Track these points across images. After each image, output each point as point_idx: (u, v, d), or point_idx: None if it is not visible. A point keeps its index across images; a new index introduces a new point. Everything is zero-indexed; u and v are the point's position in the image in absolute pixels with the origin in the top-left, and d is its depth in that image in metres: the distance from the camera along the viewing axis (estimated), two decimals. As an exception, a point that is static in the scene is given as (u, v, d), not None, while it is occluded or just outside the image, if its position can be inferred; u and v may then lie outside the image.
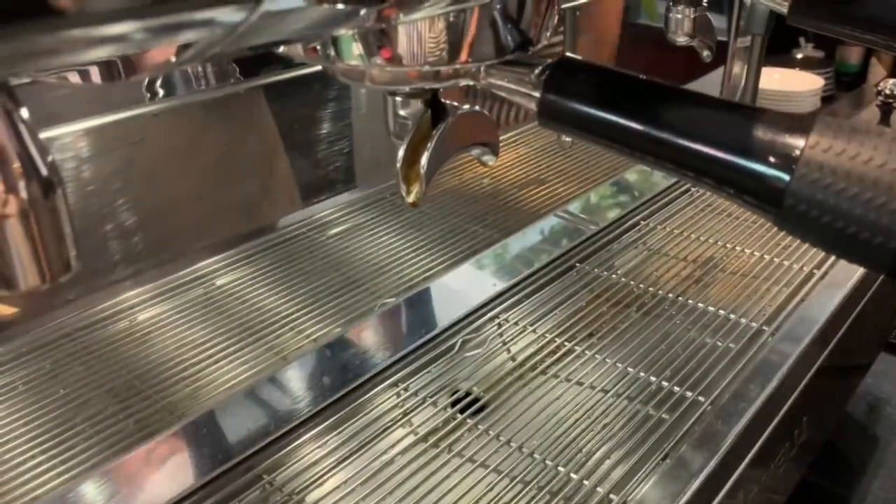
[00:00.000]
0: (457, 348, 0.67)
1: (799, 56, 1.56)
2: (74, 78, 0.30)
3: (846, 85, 1.55)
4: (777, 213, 0.35)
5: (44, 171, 0.28)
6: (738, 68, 1.16)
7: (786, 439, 0.64)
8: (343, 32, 0.33)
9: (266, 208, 0.69)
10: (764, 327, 0.69)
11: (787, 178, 0.34)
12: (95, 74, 0.30)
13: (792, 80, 1.40)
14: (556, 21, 0.40)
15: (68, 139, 0.53)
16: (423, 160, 0.40)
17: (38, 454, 0.55)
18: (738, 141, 0.35)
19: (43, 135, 0.51)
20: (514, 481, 0.53)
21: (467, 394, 0.63)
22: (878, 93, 1.16)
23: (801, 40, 1.58)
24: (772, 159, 0.34)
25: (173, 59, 0.25)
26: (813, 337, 0.69)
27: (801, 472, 0.71)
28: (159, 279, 0.67)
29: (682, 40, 0.67)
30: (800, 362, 0.67)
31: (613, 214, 0.91)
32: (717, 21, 0.75)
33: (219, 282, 0.70)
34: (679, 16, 0.65)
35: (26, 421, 0.57)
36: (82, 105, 0.55)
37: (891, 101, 1.15)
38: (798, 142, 0.34)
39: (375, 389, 0.63)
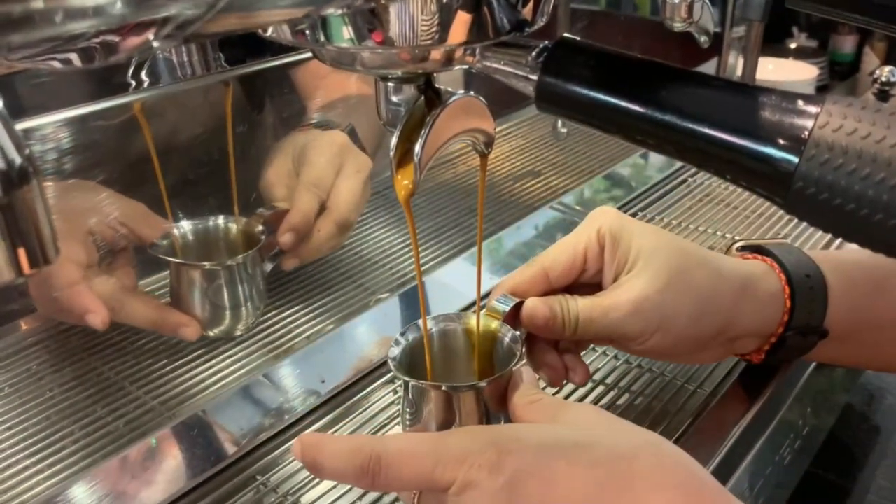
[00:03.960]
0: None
1: (792, 46, 1.55)
2: (53, 63, 0.29)
3: (840, 74, 1.55)
4: (785, 197, 0.34)
5: (18, 161, 0.27)
6: (733, 58, 1.15)
7: (790, 431, 0.63)
8: (331, 12, 0.32)
9: (254, 203, 0.67)
10: (765, 318, 0.68)
11: (795, 159, 0.32)
12: (75, 58, 0.29)
13: (786, 70, 1.40)
14: (552, 2, 0.39)
15: (49, 129, 0.52)
16: (417, 148, 0.39)
17: (25, 458, 0.53)
18: (743, 122, 0.34)
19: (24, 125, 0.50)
20: (515, 478, 0.52)
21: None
22: (875, 80, 1.15)
23: (795, 30, 1.58)
24: (779, 140, 0.33)
25: (152, 37, 0.24)
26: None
27: (805, 465, 0.70)
28: (148, 276, 0.66)
29: (679, 26, 0.66)
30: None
31: (609, 206, 0.89)
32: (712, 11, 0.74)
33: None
34: (676, 0, 0.64)
35: (12, 425, 0.56)
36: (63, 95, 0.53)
37: (887, 88, 1.14)
38: (806, 122, 0.32)
39: (371, 387, 0.61)
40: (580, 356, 0.53)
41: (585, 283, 0.53)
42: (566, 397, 0.59)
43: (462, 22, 0.34)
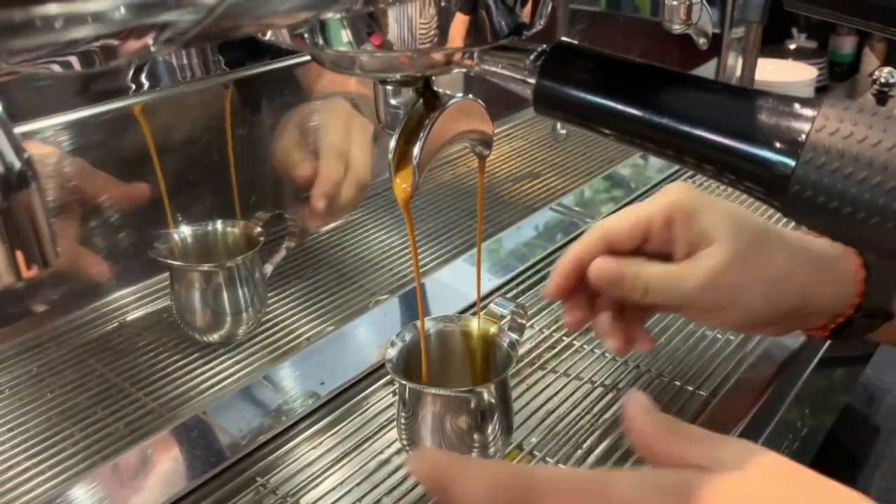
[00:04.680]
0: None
1: (792, 47, 1.55)
2: (53, 67, 0.29)
3: (839, 75, 1.55)
4: (782, 200, 0.34)
5: (17, 165, 0.27)
6: (732, 59, 1.15)
7: (789, 432, 0.63)
8: (330, 16, 0.32)
9: (254, 204, 0.68)
10: (764, 319, 0.68)
11: (792, 163, 0.33)
12: (75, 62, 0.29)
13: (785, 71, 1.40)
14: (550, 5, 0.39)
15: (49, 133, 0.52)
16: (416, 151, 0.39)
17: (25, 460, 0.54)
18: (740, 126, 0.34)
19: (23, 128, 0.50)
20: (514, 479, 0.52)
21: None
22: (874, 81, 1.15)
23: (794, 31, 1.58)
24: (776, 144, 0.33)
25: (151, 41, 0.24)
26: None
27: (804, 465, 0.70)
28: (148, 278, 0.66)
29: (678, 28, 0.66)
30: (801, 353, 0.66)
31: (609, 208, 0.90)
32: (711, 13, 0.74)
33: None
34: (675, 2, 0.64)
35: (12, 426, 0.56)
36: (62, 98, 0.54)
37: (886, 89, 1.14)
38: (803, 125, 0.32)
39: (371, 388, 0.61)
40: (644, 326, 0.53)
41: (650, 254, 0.52)
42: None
43: (460, 26, 0.34)
